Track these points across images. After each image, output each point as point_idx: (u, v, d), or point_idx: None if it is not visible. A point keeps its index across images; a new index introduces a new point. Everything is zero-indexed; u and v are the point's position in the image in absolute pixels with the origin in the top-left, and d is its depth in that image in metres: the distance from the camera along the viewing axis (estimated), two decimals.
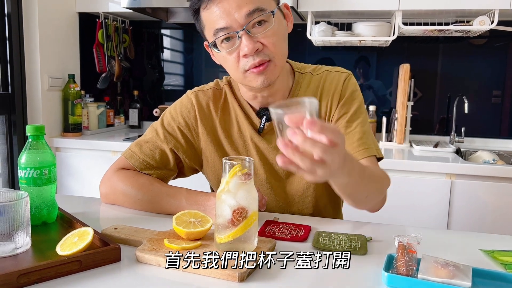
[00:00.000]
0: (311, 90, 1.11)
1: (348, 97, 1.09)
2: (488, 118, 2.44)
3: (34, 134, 0.91)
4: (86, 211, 1.06)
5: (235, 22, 0.94)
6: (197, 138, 1.14)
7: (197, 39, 2.73)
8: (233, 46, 0.97)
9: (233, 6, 0.94)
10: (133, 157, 1.13)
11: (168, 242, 0.79)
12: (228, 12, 0.94)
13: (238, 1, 0.94)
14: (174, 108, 1.17)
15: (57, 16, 2.37)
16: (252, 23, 0.94)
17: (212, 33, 0.98)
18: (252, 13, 0.94)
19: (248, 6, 0.94)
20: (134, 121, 2.75)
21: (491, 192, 1.87)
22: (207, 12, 0.97)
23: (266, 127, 1.10)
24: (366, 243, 0.86)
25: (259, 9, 0.95)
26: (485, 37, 2.36)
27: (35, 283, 0.68)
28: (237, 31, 0.94)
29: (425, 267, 0.70)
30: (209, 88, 1.17)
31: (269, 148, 1.11)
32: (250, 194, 0.78)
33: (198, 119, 1.13)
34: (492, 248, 0.86)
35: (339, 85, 1.10)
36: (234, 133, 1.13)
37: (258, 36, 0.95)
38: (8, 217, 0.76)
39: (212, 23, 0.97)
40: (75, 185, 2.32)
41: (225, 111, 1.14)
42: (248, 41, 0.94)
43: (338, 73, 1.12)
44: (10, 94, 2.15)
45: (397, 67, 2.45)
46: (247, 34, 0.94)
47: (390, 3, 2.11)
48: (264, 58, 0.96)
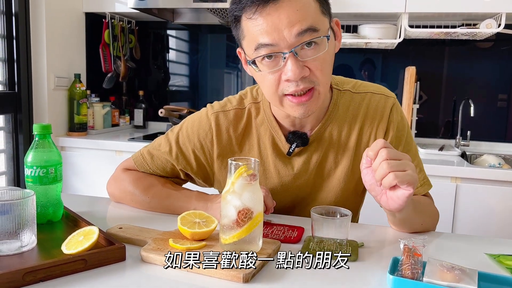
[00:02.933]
0: (351, 113, 1.02)
1: (396, 130, 1.02)
2: (494, 122, 2.43)
3: (41, 133, 0.91)
4: (91, 210, 1.07)
5: (283, 41, 0.83)
6: (211, 162, 1.07)
7: (203, 40, 2.74)
8: (276, 66, 0.86)
9: (283, 22, 0.82)
10: (144, 166, 1.11)
11: (173, 242, 0.79)
12: (276, 28, 0.82)
13: (290, 16, 0.82)
14: (192, 125, 1.07)
15: (64, 16, 2.38)
16: (301, 44, 0.84)
17: (253, 46, 0.86)
18: (304, 33, 0.83)
19: (300, 24, 0.82)
20: (139, 121, 2.76)
21: (497, 196, 1.86)
22: (251, 23, 0.85)
23: (295, 151, 1.02)
24: (357, 249, 0.84)
25: (312, 29, 0.83)
26: (491, 40, 2.35)
27: (40, 281, 0.68)
28: (283, 52, 0.84)
29: (430, 270, 0.70)
30: (232, 109, 1.06)
31: (293, 174, 1.04)
32: (255, 195, 0.78)
33: (214, 143, 1.05)
34: (498, 252, 0.86)
35: (386, 113, 1.02)
36: None
37: (306, 60, 0.85)
38: (14, 215, 0.76)
39: (255, 36, 0.85)
40: (80, 184, 2.33)
41: (246, 134, 1.06)
42: (295, 65, 0.83)
43: (384, 96, 1.04)
44: (16, 93, 2.16)
45: (402, 70, 2.44)
46: (294, 56, 0.84)
47: (396, 6, 2.10)
48: (308, 85, 0.87)
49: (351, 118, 1.02)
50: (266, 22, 0.83)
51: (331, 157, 1.04)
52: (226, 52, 2.73)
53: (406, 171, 0.79)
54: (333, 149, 1.03)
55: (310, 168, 1.04)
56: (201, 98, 2.82)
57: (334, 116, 1.02)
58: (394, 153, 0.80)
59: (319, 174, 1.05)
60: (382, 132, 1.02)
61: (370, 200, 1.20)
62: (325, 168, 1.05)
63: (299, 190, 1.06)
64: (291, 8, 0.83)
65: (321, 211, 0.84)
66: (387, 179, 0.78)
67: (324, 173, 1.05)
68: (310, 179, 1.05)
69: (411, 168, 0.80)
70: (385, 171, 0.78)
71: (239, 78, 2.75)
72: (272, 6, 0.82)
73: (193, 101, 2.84)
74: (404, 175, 0.78)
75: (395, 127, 1.03)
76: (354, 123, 1.02)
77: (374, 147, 0.81)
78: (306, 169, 1.04)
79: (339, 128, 1.02)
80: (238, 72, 2.75)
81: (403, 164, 0.79)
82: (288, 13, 0.82)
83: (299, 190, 1.06)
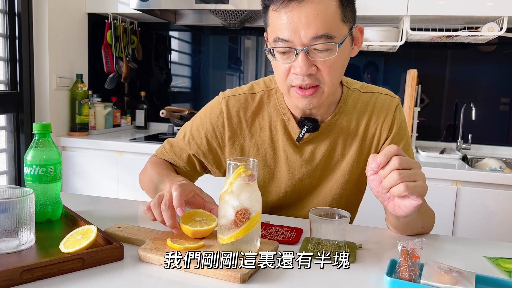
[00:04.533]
0: (359, 108, 1.08)
1: (399, 129, 1.08)
2: (496, 126, 2.42)
3: (41, 132, 0.91)
4: (90, 210, 1.07)
5: (298, 39, 0.88)
6: (223, 146, 1.11)
7: (205, 41, 2.75)
8: (288, 59, 0.92)
9: (302, 22, 0.87)
10: (164, 153, 1.17)
11: (171, 242, 0.79)
12: (294, 26, 0.88)
13: (309, 19, 0.87)
14: (205, 111, 1.14)
15: (66, 16, 2.39)
16: (314, 46, 0.89)
17: (272, 37, 0.93)
18: (318, 38, 0.88)
19: (317, 28, 0.87)
20: (141, 122, 2.76)
21: (497, 199, 1.86)
22: (275, 15, 0.91)
23: (305, 137, 1.06)
24: (355, 251, 0.84)
25: (327, 36, 0.88)
26: (493, 44, 2.34)
27: (38, 280, 0.68)
28: (296, 49, 0.89)
29: (428, 272, 0.70)
30: (242, 94, 1.11)
31: (301, 161, 1.07)
32: (254, 195, 0.78)
33: (225, 126, 1.09)
34: (496, 255, 0.86)
35: (391, 110, 1.08)
36: (265, 143, 1.09)
37: (316, 60, 0.90)
38: (13, 214, 0.76)
39: (276, 28, 0.91)
40: (81, 184, 2.33)
41: (257, 119, 1.10)
42: (304, 62, 0.89)
43: (389, 97, 1.10)
44: (18, 92, 2.17)
45: (404, 73, 2.44)
46: (305, 55, 0.89)
47: (398, 8, 2.10)
48: (314, 82, 0.92)
49: (359, 112, 1.08)
50: (287, 18, 0.88)
51: (339, 148, 1.08)
52: (228, 54, 2.74)
53: (417, 182, 0.79)
54: (341, 140, 1.08)
55: (318, 157, 1.07)
56: (202, 99, 2.82)
57: (343, 110, 1.07)
58: (406, 162, 0.79)
59: (326, 164, 1.09)
60: (387, 127, 1.07)
61: (368, 201, 1.20)
62: (333, 159, 1.09)
63: (305, 179, 1.09)
64: (312, 10, 0.87)
65: (319, 213, 0.84)
66: (397, 189, 0.78)
67: (331, 164, 1.09)
68: (318, 168, 1.08)
69: (422, 178, 0.80)
70: (395, 181, 0.78)
71: (241, 80, 2.76)
72: (295, 4, 0.87)
73: (195, 102, 2.84)
74: (415, 186, 0.78)
75: (398, 124, 1.08)
76: (361, 117, 1.08)
77: (387, 153, 0.80)
78: (314, 158, 1.08)
79: (348, 121, 1.07)
80: (240, 73, 2.75)
81: (414, 174, 0.79)
82: (308, 14, 0.87)
83: (305, 179, 1.09)
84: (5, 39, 2.12)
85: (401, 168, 0.78)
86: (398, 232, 0.98)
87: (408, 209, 0.82)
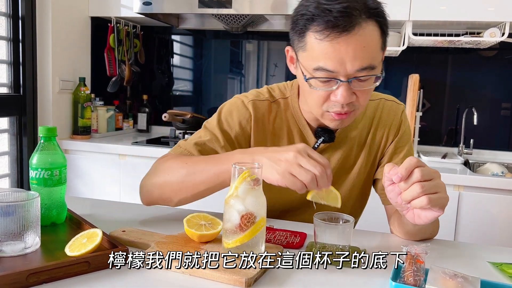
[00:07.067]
0: (367, 117, 1.10)
1: (403, 133, 1.11)
2: (497, 131, 2.42)
3: (46, 135, 0.92)
4: (94, 213, 1.07)
5: (343, 71, 0.87)
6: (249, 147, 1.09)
7: (207, 45, 2.76)
8: (329, 87, 0.90)
9: (349, 55, 0.86)
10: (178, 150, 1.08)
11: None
12: (341, 59, 0.86)
13: (356, 51, 0.86)
14: (230, 113, 1.09)
15: (70, 20, 2.40)
16: (357, 77, 0.89)
17: (313, 65, 0.89)
18: (363, 70, 0.88)
19: (363, 60, 0.87)
20: (143, 125, 2.77)
21: (499, 204, 1.86)
22: (318, 44, 0.87)
23: (320, 147, 1.07)
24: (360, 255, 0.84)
25: (371, 67, 0.88)
26: (495, 49, 2.35)
27: (43, 283, 0.69)
28: (339, 79, 0.88)
29: (433, 277, 0.70)
30: (265, 100, 1.10)
31: None
32: (259, 199, 0.78)
33: (252, 129, 1.08)
34: (500, 260, 0.86)
35: (397, 117, 1.11)
36: None
37: (356, 89, 0.91)
38: (18, 217, 0.77)
39: (318, 57, 0.88)
40: (83, 187, 2.33)
41: (277, 126, 1.10)
42: (346, 92, 0.89)
43: (395, 103, 1.13)
44: (21, 95, 2.18)
45: (406, 77, 2.44)
46: (348, 85, 0.89)
47: (400, 13, 2.11)
48: (351, 109, 0.93)
49: (367, 121, 1.11)
50: (333, 51, 0.86)
51: (351, 156, 1.10)
52: (230, 58, 2.74)
53: (439, 194, 0.79)
54: (352, 149, 1.10)
55: (332, 165, 1.08)
56: (204, 103, 2.83)
57: (356, 119, 1.09)
58: (427, 173, 0.78)
59: (339, 172, 1.10)
60: (393, 132, 1.11)
61: (372, 206, 1.20)
62: (344, 167, 1.11)
63: None
64: (359, 43, 0.86)
65: (323, 217, 0.85)
66: (420, 202, 0.78)
67: (343, 171, 1.11)
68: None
69: (443, 189, 0.80)
70: (418, 194, 0.77)
71: (242, 84, 2.76)
72: (344, 38, 0.85)
73: (197, 106, 2.85)
74: (438, 198, 0.78)
75: (404, 130, 1.12)
76: (370, 124, 1.11)
77: (408, 166, 0.78)
78: None
79: (360, 130, 1.10)
80: (242, 77, 2.76)
81: (436, 186, 0.79)
82: (355, 47, 0.86)
83: None
84: (8, 42, 2.12)
85: (423, 180, 0.78)
86: (407, 238, 0.98)
87: (428, 219, 0.81)
